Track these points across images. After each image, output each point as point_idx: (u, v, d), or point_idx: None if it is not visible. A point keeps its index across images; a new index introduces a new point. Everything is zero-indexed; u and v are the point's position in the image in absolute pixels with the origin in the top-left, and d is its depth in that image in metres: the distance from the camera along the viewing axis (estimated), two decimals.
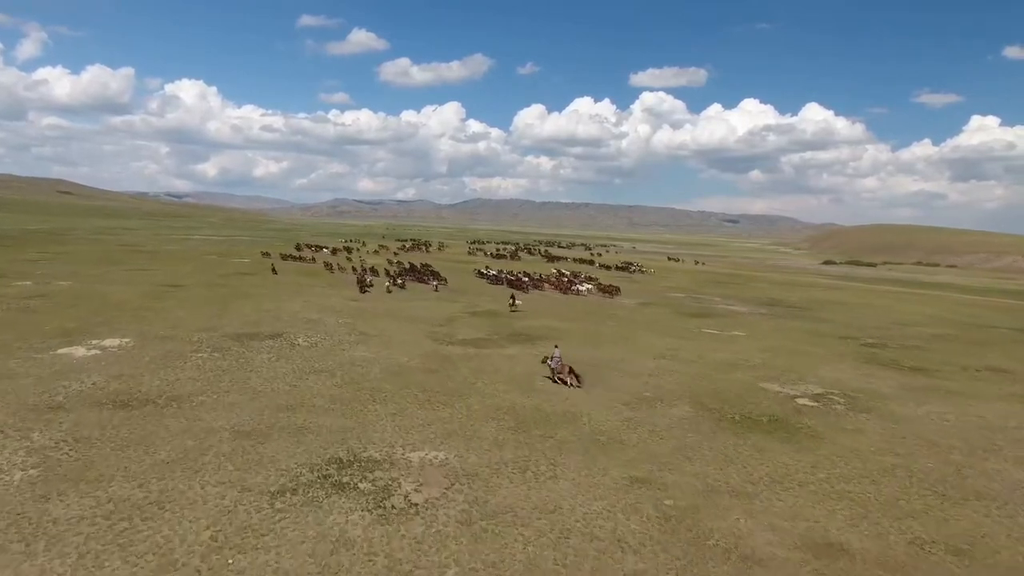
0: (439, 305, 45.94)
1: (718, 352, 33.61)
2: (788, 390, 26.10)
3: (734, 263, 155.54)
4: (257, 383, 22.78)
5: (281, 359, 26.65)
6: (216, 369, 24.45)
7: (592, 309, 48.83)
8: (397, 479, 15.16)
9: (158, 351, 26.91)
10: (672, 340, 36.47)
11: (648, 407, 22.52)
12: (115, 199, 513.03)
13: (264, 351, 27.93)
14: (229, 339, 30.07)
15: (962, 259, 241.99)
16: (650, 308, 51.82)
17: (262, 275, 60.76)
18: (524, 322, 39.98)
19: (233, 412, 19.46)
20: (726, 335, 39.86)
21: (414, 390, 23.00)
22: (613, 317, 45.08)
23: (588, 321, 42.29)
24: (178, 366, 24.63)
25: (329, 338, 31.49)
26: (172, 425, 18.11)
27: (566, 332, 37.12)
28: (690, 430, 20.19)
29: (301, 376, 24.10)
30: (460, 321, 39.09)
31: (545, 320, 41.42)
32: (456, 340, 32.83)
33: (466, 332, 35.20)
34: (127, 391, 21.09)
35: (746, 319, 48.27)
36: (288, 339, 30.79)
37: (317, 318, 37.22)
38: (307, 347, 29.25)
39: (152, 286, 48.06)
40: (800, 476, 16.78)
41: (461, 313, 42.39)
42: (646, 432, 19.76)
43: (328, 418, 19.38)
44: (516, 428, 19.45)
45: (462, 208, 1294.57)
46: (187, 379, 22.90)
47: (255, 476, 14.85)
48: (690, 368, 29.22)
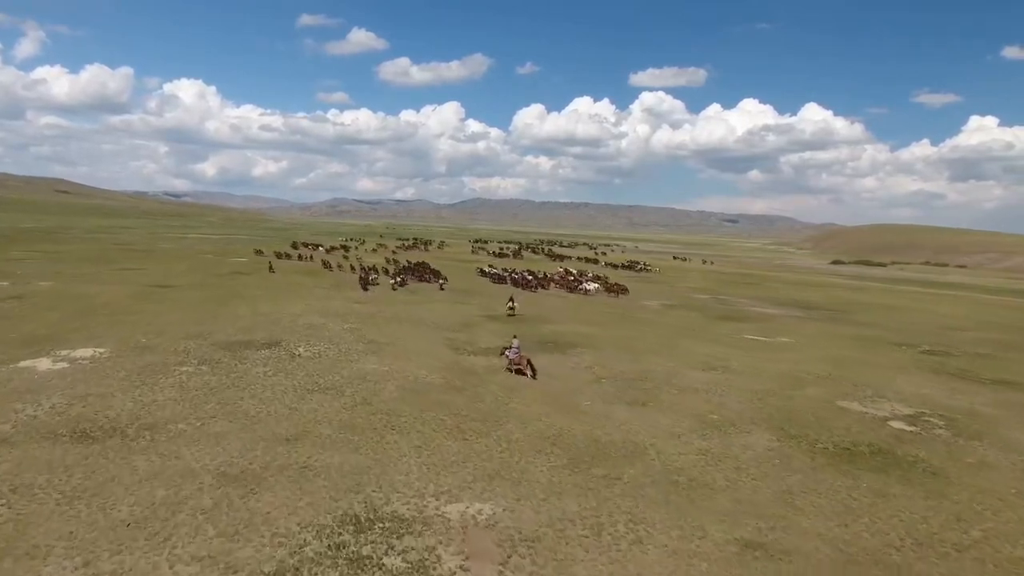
0: (452, 308, 42.10)
1: (773, 362, 29.81)
2: (873, 410, 22.29)
3: (742, 263, 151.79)
4: (251, 405, 18.92)
5: (279, 373, 22.79)
6: (202, 387, 20.59)
7: (616, 312, 45.02)
8: (434, 549, 11.33)
9: (136, 364, 23.05)
10: (717, 348, 32.66)
11: (721, 434, 18.70)
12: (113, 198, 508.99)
13: (260, 363, 24.07)
14: (220, 348, 26.22)
15: (971, 259, 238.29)
16: (677, 311, 48.00)
17: (259, 275, 56.91)
18: (549, 327, 36.15)
19: (219, 445, 15.61)
20: (773, 342, 36.06)
21: (439, 413, 19.16)
22: (643, 322, 41.27)
23: (618, 326, 38.47)
24: (157, 383, 20.77)
25: (334, 347, 27.64)
26: (141, 465, 14.27)
27: (598, 339, 33.33)
28: (783, 467, 16.37)
29: (303, 395, 20.25)
30: (478, 327, 35.25)
31: (570, 325, 37.60)
32: (478, 349, 28.99)
33: (487, 339, 31.36)
34: (91, 417, 17.23)
35: (785, 323, 44.48)
36: (287, 348, 26.95)
37: (319, 323, 33.39)
38: (309, 358, 25.40)
39: (140, 286, 44.24)
40: (950, 536, 12.98)
41: (477, 317, 38.56)
42: (731, 470, 15.95)
43: (338, 454, 15.54)
44: (572, 466, 15.62)
45: (461, 208, 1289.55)
46: (166, 400, 19.04)
47: (243, 548, 11.01)
48: (749, 383, 25.40)
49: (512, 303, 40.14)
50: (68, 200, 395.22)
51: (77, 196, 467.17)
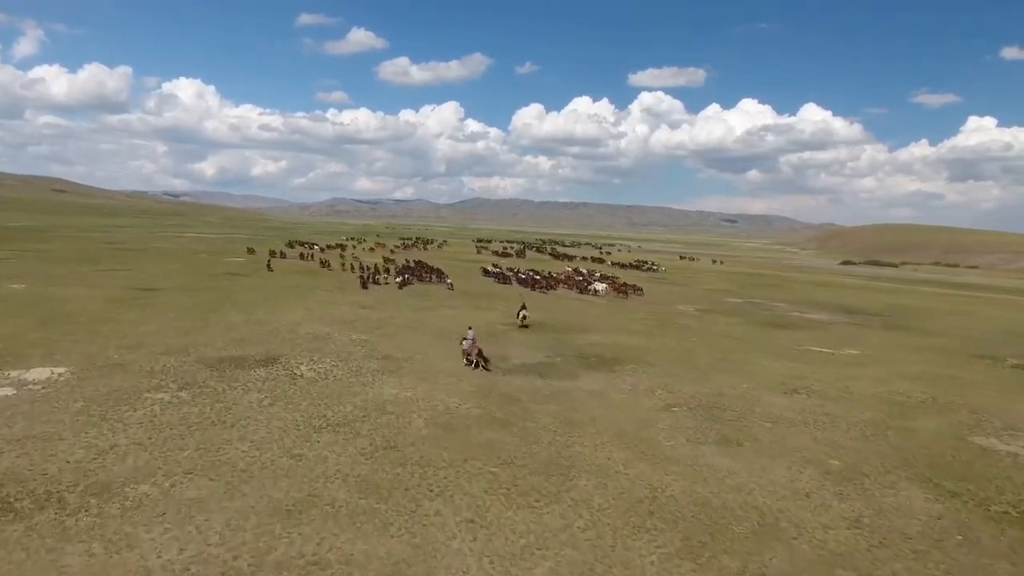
0: (471, 315, 37.55)
1: (857, 381, 25.32)
2: (1021, 450, 17.80)
3: (753, 263, 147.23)
4: (239, 453, 14.38)
5: (278, 402, 18.26)
6: (179, 423, 16.06)
7: (652, 318, 40.49)
8: None
9: (100, 389, 18.51)
10: (785, 363, 28.18)
11: (860, 492, 14.19)
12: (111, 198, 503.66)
13: (253, 388, 19.53)
14: (206, 367, 21.68)
15: (982, 259, 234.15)
16: (717, 317, 43.48)
17: (256, 276, 52.34)
18: (585, 338, 31.63)
19: (191, 525, 11.08)
20: (841, 355, 31.56)
21: (487, 462, 14.63)
22: (686, 330, 36.73)
23: (661, 335, 33.95)
24: (122, 418, 16.23)
25: (343, 365, 23.11)
26: (71, 567, 9.72)
27: (646, 352, 28.84)
28: (974, 549, 11.87)
29: (308, 436, 15.71)
30: (505, 337, 30.73)
31: (607, 335, 33.10)
32: (513, 367, 24.45)
33: (521, 354, 26.85)
34: (22, 474, 12.71)
35: (842, 331, 39.99)
36: (287, 366, 22.42)
37: (324, 333, 28.86)
38: (313, 380, 20.87)
39: (124, 289, 39.69)
40: None
41: (501, 325, 34.02)
42: (909, 555, 11.44)
43: (360, 536, 11.01)
44: (689, 552, 11.11)
45: (460, 208, 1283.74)
46: (129, 445, 14.50)
47: None
48: (847, 411, 20.89)
49: (524, 312, 33.87)
50: (65, 199, 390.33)
51: (74, 195, 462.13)
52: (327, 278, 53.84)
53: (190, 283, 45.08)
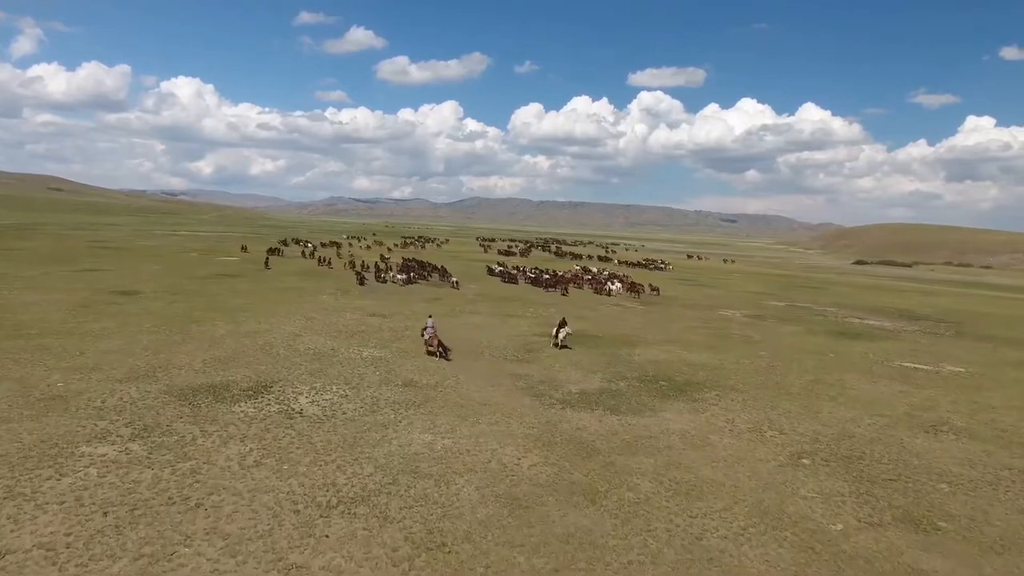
0: (497, 324, 32.37)
1: (997, 412, 20.16)
2: None
3: (765, 262, 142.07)
4: (202, 569, 9.12)
5: (267, 459, 13.03)
6: (119, 501, 10.84)
7: (702, 325, 35.24)
8: None
9: (20, 440, 13.27)
10: (893, 386, 23.00)
11: None
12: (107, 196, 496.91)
13: (235, 435, 14.29)
14: (175, 400, 16.44)
15: (996, 259, 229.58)
16: (771, 324, 38.26)
17: (249, 277, 47.04)
18: (641, 353, 26.43)
19: None
20: (945, 372, 26.37)
21: None
22: (747, 341, 31.51)
23: (725, 348, 28.73)
24: (35, 494, 11.00)
25: (354, 394, 17.90)
26: None
27: (719, 371, 23.67)
28: None
29: (311, 525, 10.48)
30: (545, 353, 25.52)
31: (661, 348, 27.91)
32: (571, 397, 19.22)
33: (572, 376, 21.64)
34: None
35: (919, 341, 34.80)
36: (282, 398, 17.20)
37: (328, 348, 23.66)
38: (317, 420, 15.64)
39: (95, 293, 34.43)
40: None
41: (535, 337, 28.81)
42: None
43: None
44: None
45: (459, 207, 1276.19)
46: (33, 550, 9.26)
47: None
48: None
49: (565, 330, 26.40)
50: (61, 197, 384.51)
51: (70, 193, 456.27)
52: (329, 279, 48.55)
53: (173, 286, 39.77)
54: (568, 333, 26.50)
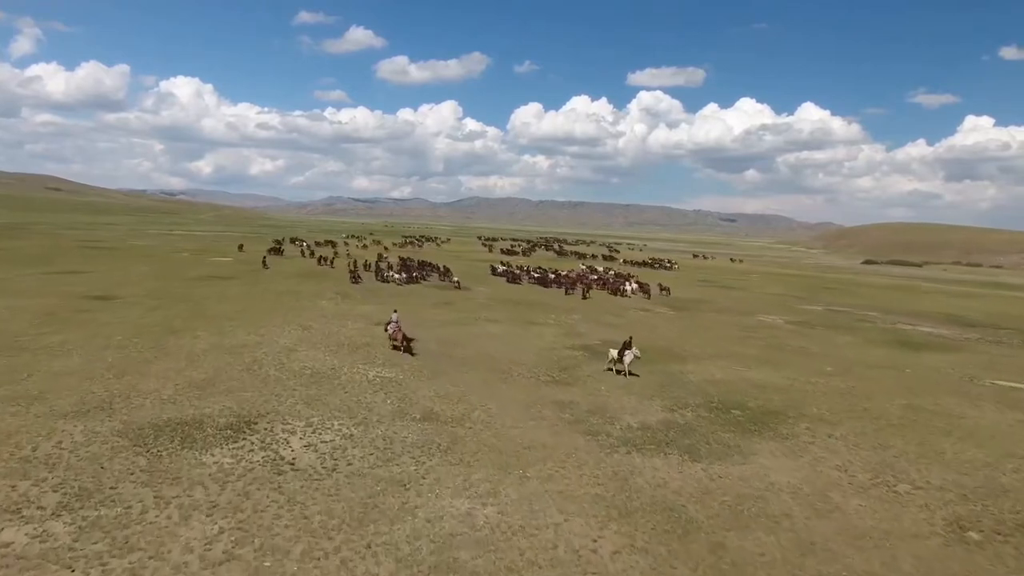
0: (519, 332, 28.54)
1: None
2: None
3: (773, 262, 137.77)
4: None
5: (242, 548, 9.18)
6: None
7: (749, 334, 31.41)
8: None
9: None
10: (1010, 415, 19.15)
11: None
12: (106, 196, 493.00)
13: (200, 503, 10.44)
14: (129, 445, 12.62)
15: (1006, 259, 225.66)
16: (819, 332, 34.41)
17: (242, 279, 43.19)
18: (695, 371, 22.60)
19: None
20: None
21: None
22: (806, 354, 27.68)
23: (785, 363, 24.88)
24: None
25: (361, 433, 14.06)
26: None
27: (793, 393, 19.87)
28: None
29: None
30: (585, 371, 21.71)
31: (721, 365, 24.07)
32: (632, 433, 15.35)
33: (626, 404, 17.79)
34: None
35: (993, 352, 31.00)
36: (268, 440, 13.36)
37: (328, 366, 19.82)
38: (313, 477, 11.80)
39: (69, 299, 30.65)
40: None
41: (568, 350, 25.02)
42: None
43: None
44: None
45: (458, 207, 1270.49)
46: None
47: None
48: None
49: (633, 352, 21.07)
50: (59, 197, 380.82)
51: (68, 193, 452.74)
52: (329, 281, 44.70)
53: (158, 289, 35.91)
54: (636, 357, 21.17)
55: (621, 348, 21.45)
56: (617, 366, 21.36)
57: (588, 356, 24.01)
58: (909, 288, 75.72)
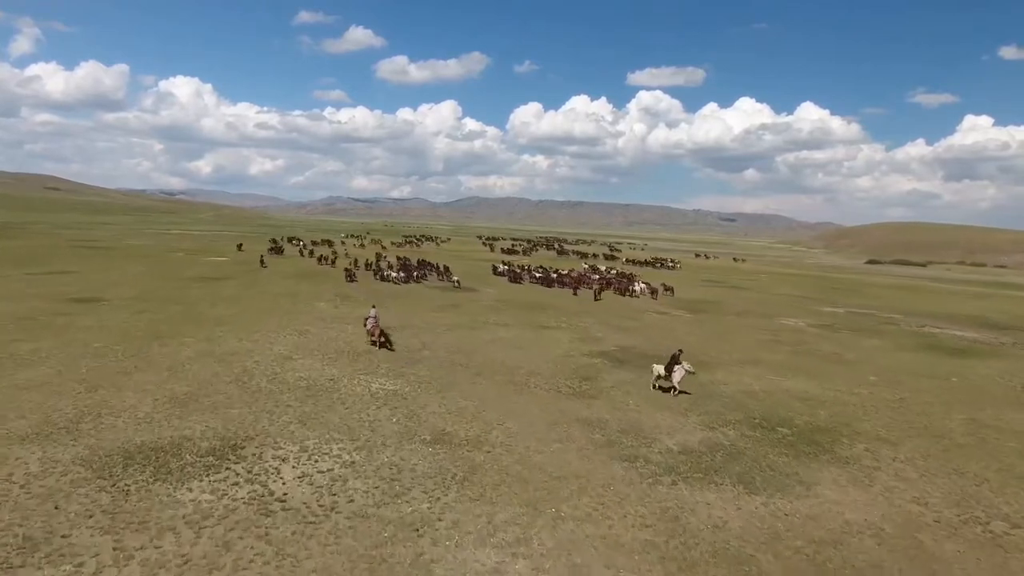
0: (531, 337, 26.65)
1: None
2: None
3: (776, 262, 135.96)
4: None
5: None
6: None
7: (776, 339, 29.53)
8: None
9: None
10: None
11: None
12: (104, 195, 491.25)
13: (169, 562, 8.52)
14: (91, 479, 10.73)
15: (1009, 258, 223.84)
16: (846, 336, 32.51)
17: (238, 280, 41.29)
18: (728, 381, 20.70)
19: None
20: None
21: None
22: (840, 360, 25.79)
23: (821, 371, 22.99)
24: None
25: (366, 463, 12.16)
26: None
27: (840, 406, 18.01)
28: None
29: None
30: (603, 379, 19.83)
31: (753, 373, 22.19)
32: (673, 458, 13.46)
33: (661, 422, 15.90)
34: None
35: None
36: (256, 471, 11.47)
37: (326, 378, 17.94)
38: (307, 520, 9.90)
39: (52, 301, 28.78)
40: None
41: (586, 356, 23.15)
42: None
43: None
44: None
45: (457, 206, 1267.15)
46: None
47: None
48: None
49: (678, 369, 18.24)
50: (57, 197, 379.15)
51: (67, 193, 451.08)
52: (329, 282, 42.80)
53: (148, 291, 34.01)
54: (689, 372, 18.14)
55: (669, 362, 18.62)
56: (664, 383, 18.66)
57: (609, 364, 22.11)
58: (921, 289, 73.86)
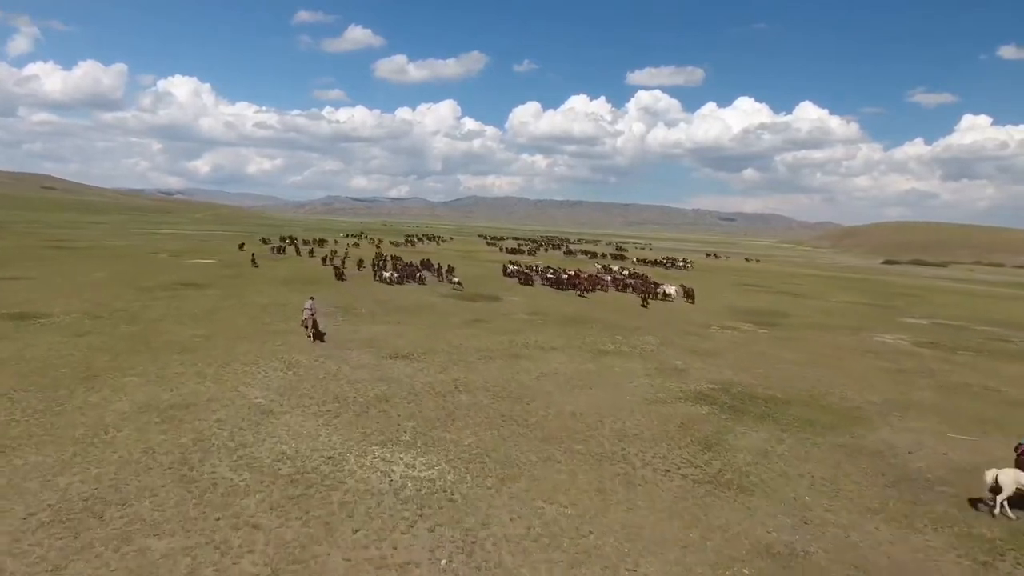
0: (593, 370, 20.30)
1: None
2: None
3: (790, 262, 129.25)
4: None
5: None
6: None
7: (894, 366, 23.21)
8: None
9: None
10: None
11: None
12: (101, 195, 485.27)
13: None
14: None
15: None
16: (969, 358, 26.21)
17: (221, 286, 34.94)
18: (899, 442, 14.37)
19: None
20: None
21: None
22: (1006, 401, 19.43)
23: (1007, 421, 16.65)
24: None
25: None
26: None
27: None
28: None
29: None
30: (729, 444, 13.53)
31: (916, 424, 15.89)
32: None
33: (874, 537, 9.48)
34: None
35: None
36: None
37: (322, 461, 11.59)
38: None
39: None
40: None
41: (673, 396, 16.86)
42: None
43: None
44: None
45: (456, 206, 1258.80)
46: None
47: None
48: None
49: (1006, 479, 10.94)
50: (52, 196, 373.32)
51: (64, 192, 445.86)
52: (327, 289, 36.37)
53: (104, 303, 27.60)
54: None
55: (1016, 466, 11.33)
56: (1000, 497, 10.98)
57: (721, 415, 15.74)
58: (975, 294, 67.68)
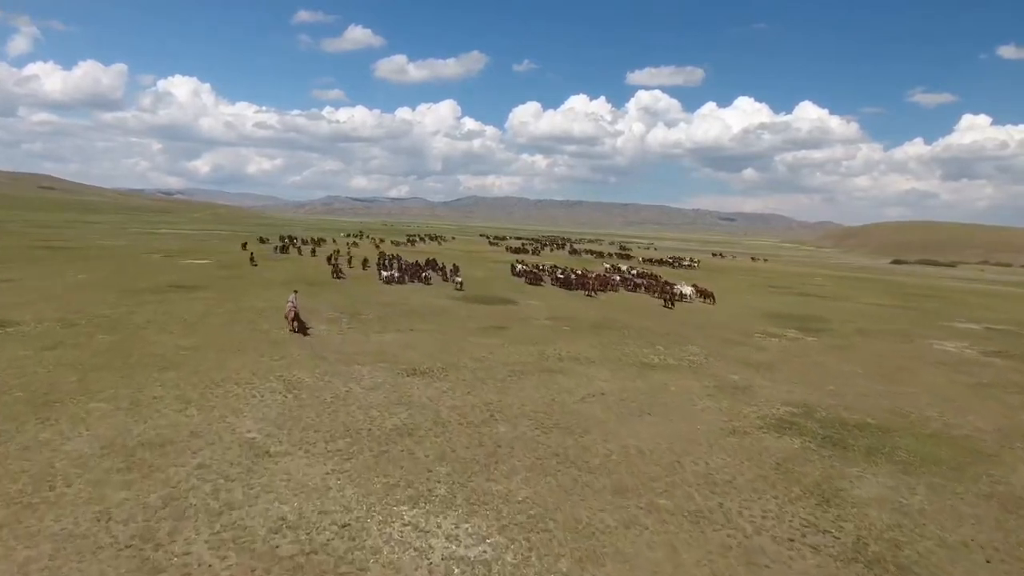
0: (645, 391, 17.51)
1: None
2: None
3: (797, 262, 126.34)
4: None
5: None
6: None
7: (974, 380, 20.39)
8: None
9: None
10: None
11: None
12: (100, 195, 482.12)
13: None
14: None
15: None
16: (1016, 362, 23.34)
17: (215, 289, 32.08)
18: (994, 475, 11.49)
19: None
20: None
21: None
22: None
23: None
24: None
25: None
26: None
27: None
28: None
29: None
30: (847, 494, 10.72)
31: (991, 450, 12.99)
32: None
33: None
34: None
35: None
36: None
37: (335, 531, 8.71)
38: None
39: None
40: None
41: (752, 425, 14.03)
42: None
43: None
44: None
45: (456, 206, 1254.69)
46: None
47: None
48: None
49: None
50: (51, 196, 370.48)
51: (63, 192, 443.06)
52: (330, 291, 33.51)
53: (82, 308, 24.73)
54: None
55: None
56: None
57: (818, 449, 12.90)
58: (1004, 295, 64.80)
